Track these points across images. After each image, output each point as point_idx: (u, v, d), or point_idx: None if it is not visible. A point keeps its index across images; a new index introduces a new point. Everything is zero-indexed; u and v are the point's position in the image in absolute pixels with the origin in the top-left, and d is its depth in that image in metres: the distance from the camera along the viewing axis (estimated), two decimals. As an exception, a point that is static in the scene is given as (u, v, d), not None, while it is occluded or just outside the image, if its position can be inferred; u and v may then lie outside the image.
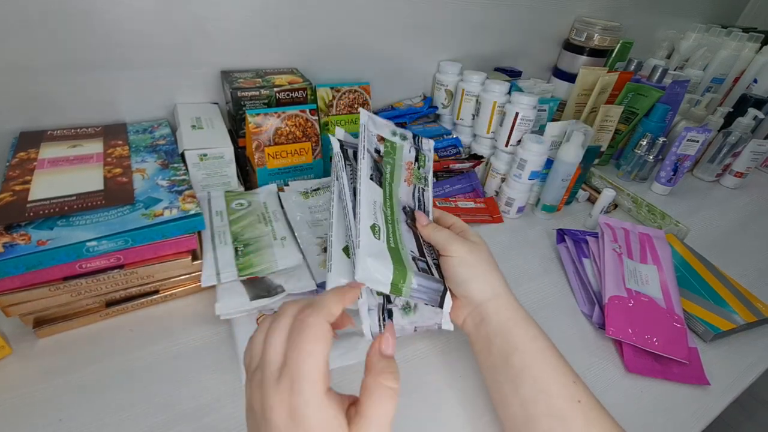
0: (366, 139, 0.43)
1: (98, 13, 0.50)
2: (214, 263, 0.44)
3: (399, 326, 0.39)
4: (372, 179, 0.41)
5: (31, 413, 0.34)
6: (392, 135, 0.47)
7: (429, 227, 0.42)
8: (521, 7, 0.83)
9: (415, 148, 0.49)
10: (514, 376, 0.34)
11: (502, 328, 0.36)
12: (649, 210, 0.70)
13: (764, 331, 0.53)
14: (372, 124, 0.45)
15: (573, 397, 0.32)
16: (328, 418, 0.21)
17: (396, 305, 0.39)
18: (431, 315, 0.41)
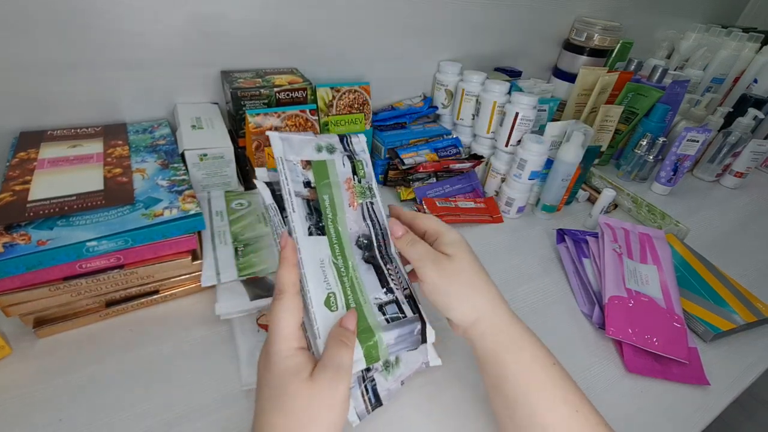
0: (289, 178, 0.37)
1: (98, 12, 0.50)
2: (214, 263, 0.44)
3: (385, 390, 0.35)
4: (311, 233, 0.36)
5: (31, 413, 0.34)
6: (317, 152, 0.40)
7: (403, 240, 0.37)
8: (521, 7, 0.83)
9: (348, 156, 0.42)
10: (508, 404, 0.33)
11: (489, 356, 0.34)
12: (649, 210, 0.70)
13: (764, 331, 0.53)
14: (289, 149, 0.38)
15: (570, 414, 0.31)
16: (292, 365, 0.29)
17: (376, 369, 0.35)
18: (417, 357, 0.38)
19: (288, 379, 0.28)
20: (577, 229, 0.64)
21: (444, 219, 0.53)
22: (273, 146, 0.38)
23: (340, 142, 0.42)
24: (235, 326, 0.42)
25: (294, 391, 0.28)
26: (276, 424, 0.28)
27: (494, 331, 0.34)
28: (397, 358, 0.37)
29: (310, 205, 0.37)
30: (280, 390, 0.28)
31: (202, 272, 0.43)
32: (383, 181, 0.70)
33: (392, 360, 0.36)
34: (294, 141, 0.39)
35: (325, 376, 0.28)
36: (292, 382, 0.28)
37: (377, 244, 0.40)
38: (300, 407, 0.28)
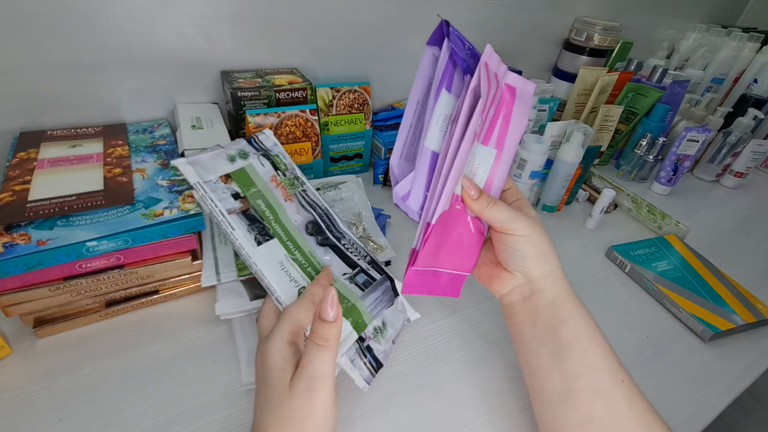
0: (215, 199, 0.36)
1: (98, 12, 0.50)
2: (214, 263, 0.44)
3: (382, 352, 0.38)
4: (259, 242, 0.37)
5: (31, 413, 0.34)
6: (231, 162, 0.39)
7: (482, 201, 0.34)
8: (521, 7, 0.83)
9: (263, 155, 0.42)
10: (559, 348, 0.33)
11: (554, 301, 0.35)
12: (649, 210, 0.70)
13: (764, 332, 0.53)
14: (203, 171, 0.37)
15: (617, 377, 0.32)
16: (281, 359, 0.30)
17: (369, 337, 0.38)
18: (399, 317, 0.41)
19: (275, 376, 0.29)
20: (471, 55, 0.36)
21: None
22: (185, 174, 0.37)
23: (249, 144, 0.42)
24: (234, 326, 0.42)
25: (278, 397, 0.29)
26: (270, 422, 0.29)
27: (563, 285, 0.36)
28: (384, 322, 0.39)
29: (247, 215, 0.38)
30: (269, 389, 0.29)
31: (202, 272, 0.43)
32: (383, 181, 0.70)
33: (380, 325, 0.39)
34: (203, 160, 0.38)
35: (301, 386, 0.29)
36: (277, 384, 0.29)
37: (325, 225, 0.42)
38: (283, 413, 0.28)
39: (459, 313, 0.49)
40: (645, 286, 0.57)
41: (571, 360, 0.32)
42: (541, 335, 0.34)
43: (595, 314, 0.51)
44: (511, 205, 0.36)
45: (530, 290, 0.36)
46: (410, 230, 0.61)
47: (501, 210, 0.34)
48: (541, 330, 0.34)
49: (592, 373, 0.32)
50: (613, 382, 0.31)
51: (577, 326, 0.34)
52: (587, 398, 0.31)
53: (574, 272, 0.58)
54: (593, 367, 0.32)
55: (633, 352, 0.47)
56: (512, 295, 0.37)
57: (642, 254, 0.60)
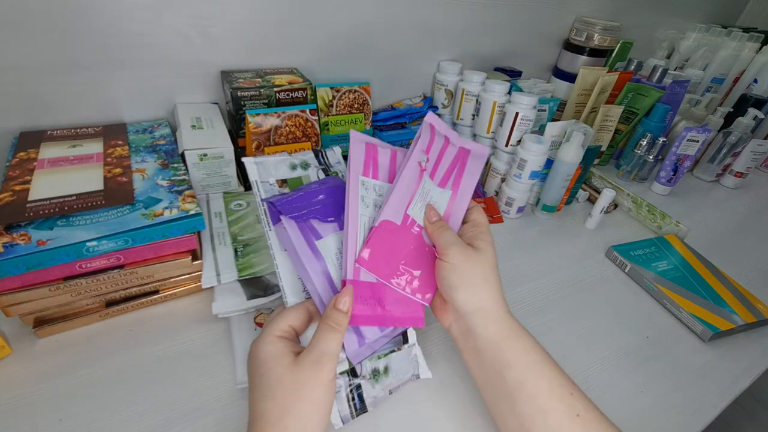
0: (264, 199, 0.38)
1: (98, 12, 0.50)
2: (214, 264, 0.44)
3: (372, 398, 0.36)
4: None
5: (31, 413, 0.34)
6: (292, 170, 0.42)
7: (436, 225, 0.38)
8: (521, 7, 0.83)
9: (323, 169, 0.44)
10: (509, 393, 0.32)
11: (490, 343, 0.34)
12: (649, 210, 0.70)
13: (764, 332, 0.53)
14: (264, 172, 0.40)
15: (571, 412, 0.31)
16: (274, 350, 0.31)
17: (364, 376, 0.35)
18: (406, 369, 0.38)
19: (271, 365, 0.30)
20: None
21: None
22: (248, 171, 0.39)
23: (315, 158, 0.44)
24: (233, 325, 0.42)
25: (278, 376, 0.30)
26: (266, 409, 0.29)
27: (497, 320, 0.35)
28: (387, 367, 0.37)
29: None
30: (266, 377, 0.30)
31: (202, 273, 0.43)
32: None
33: (381, 368, 0.37)
34: (268, 163, 0.41)
35: (308, 359, 0.30)
36: (275, 368, 0.30)
37: None
38: (285, 391, 0.29)
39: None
40: (645, 286, 0.57)
41: (523, 404, 0.32)
42: (489, 379, 0.34)
43: (595, 314, 0.52)
44: (465, 235, 0.39)
45: (465, 326, 0.36)
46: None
47: (445, 235, 0.37)
48: (489, 373, 0.34)
49: (546, 415, 0.31)
50: (568, 419, 0.31)
51: (521, 367, 0.33)
52: None
53: (574, 272, 0.58)
54: (546, 408, 0.31)
55: (633, 352, 0.47)
56: (452, 329, 0.37)
57: (642, 254, 0.61)
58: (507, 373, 0.33)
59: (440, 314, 0.38)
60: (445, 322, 0.38)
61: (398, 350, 0.38)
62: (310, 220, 0.38)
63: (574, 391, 0.32)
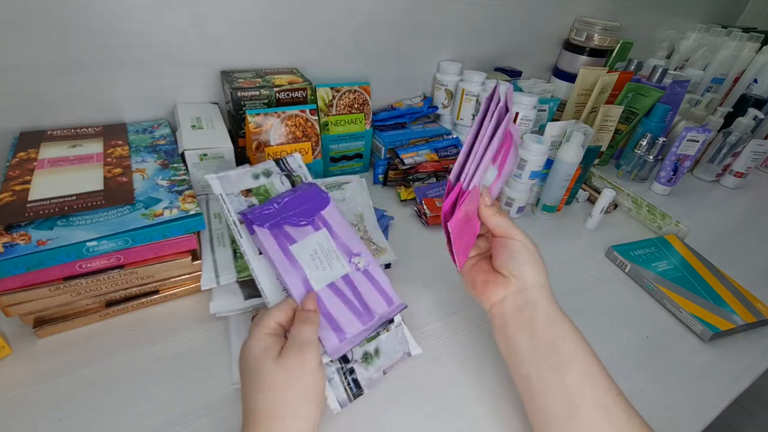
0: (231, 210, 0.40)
1: (98, 12, 0.50)
2: (213, 266, 0.44)
3: (366, 380, 0.37)
4: (260, 252, 0.39)
5: (31, 413, 0.34)
6: (255, 179, 0.43)
7: (493, 209, 0.39)
8: (522, 7, 0.83)
9: (286, 175, 0.45)
10: (559, 364, 0.33)
11: (550, 315, 0.36)
12: (649, 210, 0.70)
13: (764, 332, 0.53)
14: (228, 185, 0.41)
15: (614, 391, 0.32)
16: (262, 346, 0.32)
17: (355, 361, 0.37)
18: (396, 348, 0.40)
19: (261, 360, 0.31)
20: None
21: (444, 219, 0.53)
22: (212, 187, 0.41)
23: (276, 165, 0.46)
24: (231, 325, 0.42)
25: (268, 370, 0.31)
26: (258, 401, 0.30)
27: (553, 300, 0.37)
28: (377, 349, 0.39)
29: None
30: (256, 372, 0.31)
31: (201, 275, 0.43)
32: (383, 181, 0.70)
33: (371, 351, 0.38)
34: (231, 177, 0.43)
35: (291, 350, 0.32)
36: (265, 362, 0.31)
37: None
38: (275, 382, 0.31)
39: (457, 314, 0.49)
40: (645, 286, 0.57)
41: (573, 376, 0.33)
42: (539, 350, 0.35)
43: (595, 314, 0.52)
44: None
45: (524, 300, 0.36)
46: (413, 234, 0.61)
47: (505, 218, 0.40)
48: (540, 344, 0.35)
49: (594, 389, 0.32)
50: (612, 397, 0.32)
51: (575, 342, 0.34)
52: (591, 415, 0.31)
53: (574, 272, 0.58)
54: (594, 382, 0.32)
55: (633, 352, 0.47)
56: (505, 303, 0.37)
57: (642, 254, 0.60)
58: (561, 344, 0.34)
59: (488, 291, 0.38)
60: (494, 297, 0.38)
61: (386, 331, 0.40)
62: (284, 227, 0.40)
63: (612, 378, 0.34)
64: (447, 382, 0.41)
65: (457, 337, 0.46)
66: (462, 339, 0.46)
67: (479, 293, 0.39)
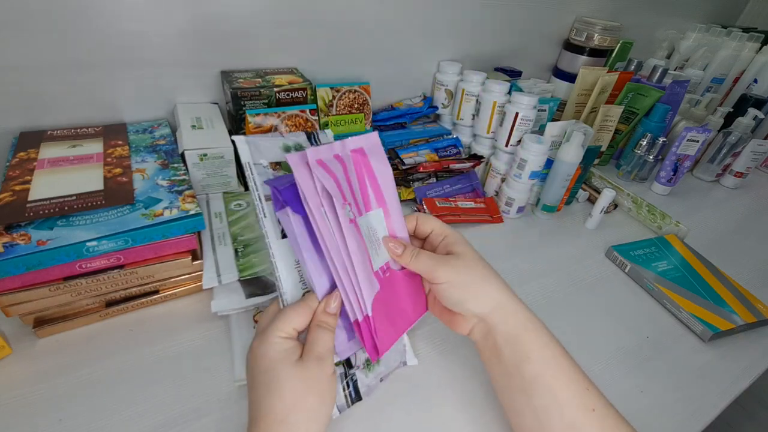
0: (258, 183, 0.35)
1: (98, 12, 0.50)
2: (215, 265, 0.44)
3: (366, 386, 0.37)
4: (284, 236, 0.35)
5: (31, 413, 0.34)
6: (285, 152, 0.38)
7: (406, 255, 0.36)
8: (522, 7, 0.83)
9: None
10: (526, 386, 0.33)
11: (510, 337, 0.34)
12: (649, 210, 0.70)
13: (764, 332, 0.53)
14: (257, 153, 0.37)
15: (587, 406, 0.31)
16: (282, 350, 0.31)
17: (359, 366, 0.37)
18: (395, 357, 0.40)
19: (278, 363, 0.31)
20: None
21: (444, 219, 0.53)
22: (240, 151, 0.36)
23: (307, 139, 0.42)
24: (232, 323, 0.42)
25: (286, 375, 0.30)
26: (272, 406, 0.30)
27: (515, 315, 0.35)
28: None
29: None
30: (273, 375, 0.30)
31: (203, 274, 0.43)
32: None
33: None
34: (261, 145, 0.38)
35: (312, 357, 0.31)
36: (283, 367, 0.31)
37: None
38: (293, 387, 0.30)
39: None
40: (645, 286, 0.57)
41: (539, 397, 0.32)
42: (508, 373, 0.34)
43: (595, 314, 0.52)
44: (438, 246, 0.38)
45: (486, 327, 0.36)
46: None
47: (422, 261, 0.36)
48: (507, 367, 0.34)
49: (563, 409, 0.31)
50: (583, 413, 0.31)
51: (539, 360, 0.33)
52: None
53: (574, 272, 0.58)
54: (561, 401, 0.32)
55: (633, 352, 0.47)
56: (474, 333, 0.37)
57: (642, 254, 0.61)
58: (525, 366, 0.33)
59: (457, 326, 0.38)
60: (465, 330, 0.37)
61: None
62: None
63: (590, 387, 0.33)
64: (440, 388, 0.41)
65: (451, 342, 0.46)
66: (456, 344, 0.45)
67: (452, 328, 0.38)
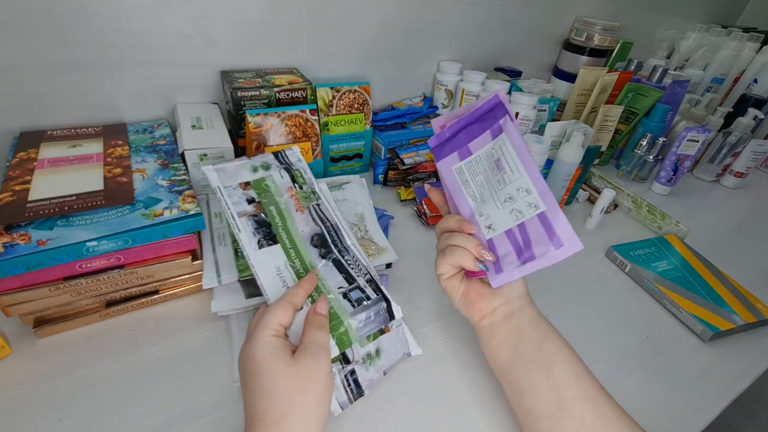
0: (229, 203, 0.40)
1: (98, 12, 0.50)
2: (215, 265, 0.44)
3: (367, 381, 0.37)
4: (261, 245, 0.39)
5: (31, 413, 0.34)
6: (254, 172, 0.43)
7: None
8: (521, 7, 0.83)
9: (285, 168, 0.45)
10: (546, 362, 0.35)
11: (535, 319, 0.37)
12: (649, 210, 0.70)
13: (764, 332, 0.53)
14: (225, 177, 0.42)
15: (597, 384, 0.34)
16: (271, 349, 0.31)
17: (357, 362, 0.37)
18: (397, 348, 0.40)
19: (270, 362, 0.31)
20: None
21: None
22: (209, 179, 0.41)
23: (275, 158, 0.46)
24: (232, 323, 0.42)
25: (279, 373, 0.30)
26: (267, 408, 0.29)
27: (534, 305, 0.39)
28: (378, 349, 0.38)
29: (256, 219, 0.41)
30: (266, 374, 0.30)
31: (203, 274, 0.43)
32: (383, 181, 0.70)
33: (372, 351, 0.38)
34: (229, 169, 0.42)
35: (306, 354, 0.32)
36: (275, 365, 0.31)
37: (331, 240, 0.43)
38: (289, 387, 0.30)
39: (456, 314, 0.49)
40: (645, 286, 0.57)
41: (560, 370, 0.34)
42: (526, 351, 0.36)
43: (595, 314, 0.52)
44: None
45: (510, 309, 0.38)
46: (413, 233, 0.61)
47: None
48: (527, 347, 0.36)
49: (580, 381, 0.34)
50: (596, 388, 0.34)
51: (557, 340, 0.36)
52: (579, 406, 0.32)
53: (574, 272, 0.58)
54: (579, 375, 0.34)
55: (633, 352, 0.47)
56: (494, 314, 0.38)
57: (642, 254, 0.61)
58: (546, 343, 0.36)
59: (482, 303, 0.39)
60: (486, 309, 0.39)
61: (386, 330, 0.39)
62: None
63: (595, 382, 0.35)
64: (446, 383, 0.41)
65: (457, 336, 0.46)
66: (461, 339, 0.46)
67: (471, 306, 0.39)
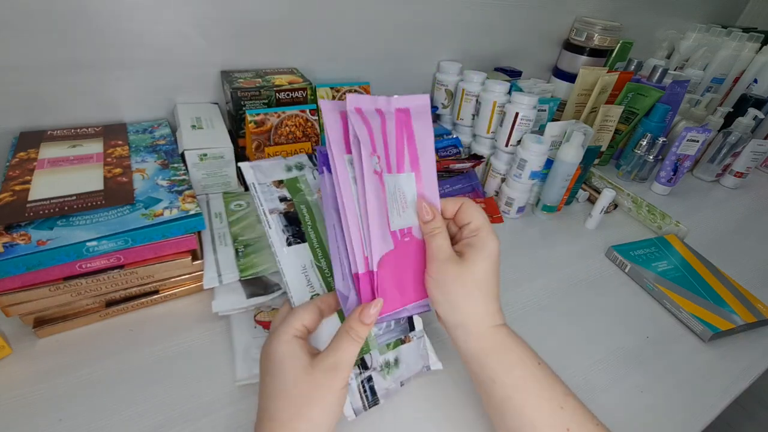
0: (262, 199, 0.41)
1: (98, 12, 0.50)
2: (215, 265, 0.44)
3: (384, 390, 0.36)
4: (290, 243, 0.39)
5: (31, 413, 0.34)
6: (287, 171, 0.44)
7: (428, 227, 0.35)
8: (521, 7, 0.83)
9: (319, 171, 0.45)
10: (496, 406, 0.33)
11: (473, 357, 0.34)
12: (649, 210, 0.70)
13: (764, 332, 0.53)
14: (260, 174, 0.43)
15: (562, 426, 0.30)
16: (289, 350, 0.31)
17: (374, 369, 0.36)
18: (416, 360, 0.39)
19: (288, 365, 0.30)
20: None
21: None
22: (245, 175, 0.42)
23: (309, 159, 0.47)
24: (233, 323, 0.42)
25: (293, 379, 0.30)
26: (278, 409, 0.29)
27: (478, 336, 0.33)
28: (397, 359, 0.37)
29: (287, 217, 0.41)
30: (281, 377, 0.30)
31: (204, 274, 0.43)
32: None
33: (391, 360, 0.37)
34: (264, 166, 0.43)
35: (325, 364, 0.30)
36: (291, 369, 0.30)
37: None
38: (300, 393, 0.29)
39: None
40: (645, 286, 0.57)
41: (510, 420, 0.32)
42: (481, 390, 0.34)
43: (595, 314, 0.52)
44: (463, 240, 0.35)
45: (453, 339, 0.35)
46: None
47: (433, 245, 0.34)
48: (479, 385, 0.34)
49: (535, 429, 0.31)
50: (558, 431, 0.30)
51: (506, 383, 0.32)
52: None
53: (574, 272, 0.58)
54: (534, 423, 0.31)
55: (633, 352, 0.47)
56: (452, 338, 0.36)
57: (642, 254, 0.61)
58: (492, 387, 0.32)
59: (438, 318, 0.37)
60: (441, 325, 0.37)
61: (406, 341, 0.38)
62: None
63: (566, 405, 0.31)
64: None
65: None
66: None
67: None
